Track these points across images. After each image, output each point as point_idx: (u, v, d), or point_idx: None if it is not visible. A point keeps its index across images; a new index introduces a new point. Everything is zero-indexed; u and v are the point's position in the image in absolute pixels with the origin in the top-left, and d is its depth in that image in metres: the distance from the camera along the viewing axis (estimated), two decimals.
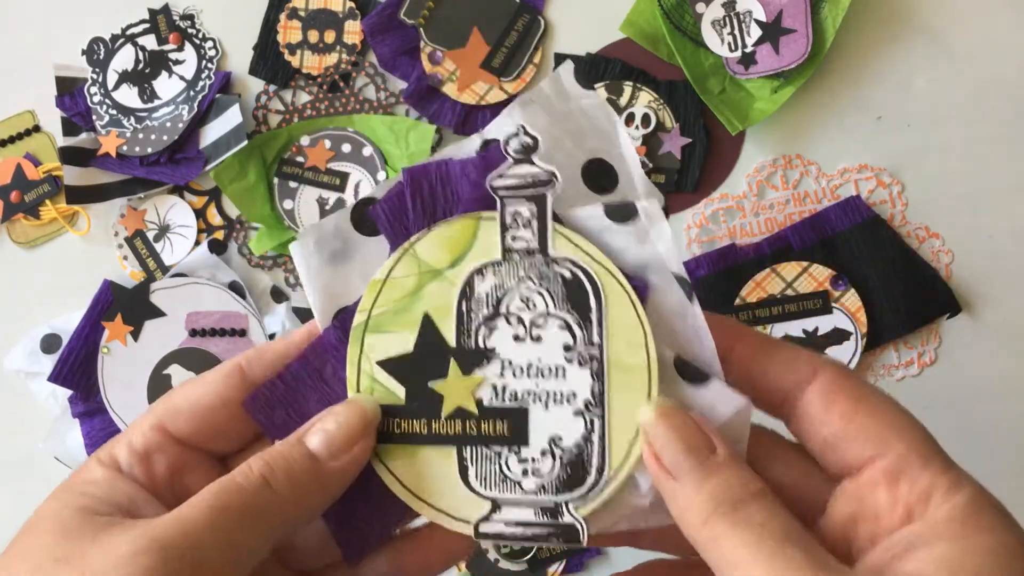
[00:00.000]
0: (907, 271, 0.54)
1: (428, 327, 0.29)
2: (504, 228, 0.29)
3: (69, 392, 0.61)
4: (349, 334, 0.30)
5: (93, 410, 0.61)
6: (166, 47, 0.62)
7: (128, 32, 0.62)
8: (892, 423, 0.26)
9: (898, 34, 0.59)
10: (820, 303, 0.53)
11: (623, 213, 0.29)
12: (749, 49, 0.57)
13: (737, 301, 0.54)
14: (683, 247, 0.58)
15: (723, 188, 0.59)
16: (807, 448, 0.29)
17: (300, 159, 0.60)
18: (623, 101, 0.60)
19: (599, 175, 0.29)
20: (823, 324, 0.55)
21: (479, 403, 0.29)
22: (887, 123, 0.59)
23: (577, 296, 0.29)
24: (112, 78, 0.62)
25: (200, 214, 0.62)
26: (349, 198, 0.60)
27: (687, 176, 0.59)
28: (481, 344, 0.29)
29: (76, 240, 0.63)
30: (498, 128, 0.30)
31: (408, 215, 0.30)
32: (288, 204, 0.60)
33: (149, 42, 0.62)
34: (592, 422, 0.29)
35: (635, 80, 0.60)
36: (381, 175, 0.60)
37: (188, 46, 0.62)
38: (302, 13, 0.62)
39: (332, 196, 0.60)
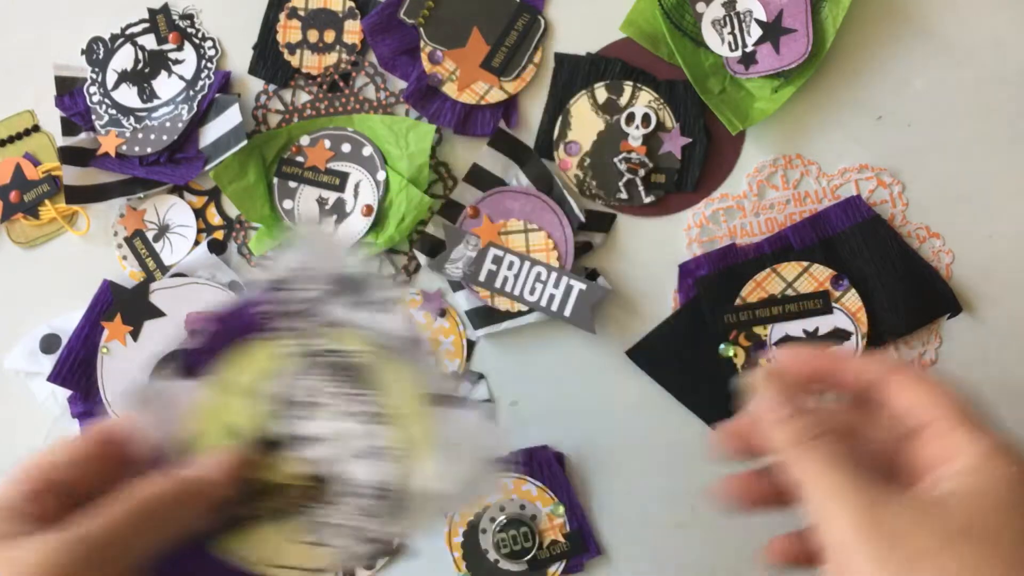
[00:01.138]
0: (907, 271, 0.54)
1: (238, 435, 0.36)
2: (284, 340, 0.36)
3: (69, 392, 0.61)
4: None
5: (93, 410, 0.61)
6: (165, 47, 0.62)
7: (127, 32, 0.62)
8: (938, 395, 0.35)
9: (898, 34, 0.59)
10: (821, 303, 0.53)
11: (368, 303, 0.36)
12: (749, 49, 0.57)
13: (737, 301, 0.55)
14: (684, 246, 0.58)
15: (723, 188, 0.59)
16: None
17: (300, 159, 0.60)
18: (623, 101, 0.60)
19: (349, 284, 0.37)
20: (824, 324, 0.55)
21: (295, 477, 0.35)
22: (887, 123, 0.59)
23: (354, 374, 0.36)
24: (111, 78, 0.62)
25: (200, 214, 0.62)
26: (349, 198, 0.60)
27: (687, 176, 0.59)
28: (289, 432, 0.35)
29: (75, 240, 0.63)
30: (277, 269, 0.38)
31: (205, 356, 0.36)
32: (288, 204, 0.60)
33: (148, 42, 0.62)
34: (388, 460, 0.35)
35: (635, 80, 0.60)
36: (381, 174, 0.60)
37: (188, 46, 0.62)
38: (302, 13, 0.61)
39: (332, 196, 0.60)
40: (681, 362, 0.56)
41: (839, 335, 0.55)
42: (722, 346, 0.55)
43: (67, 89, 0.63)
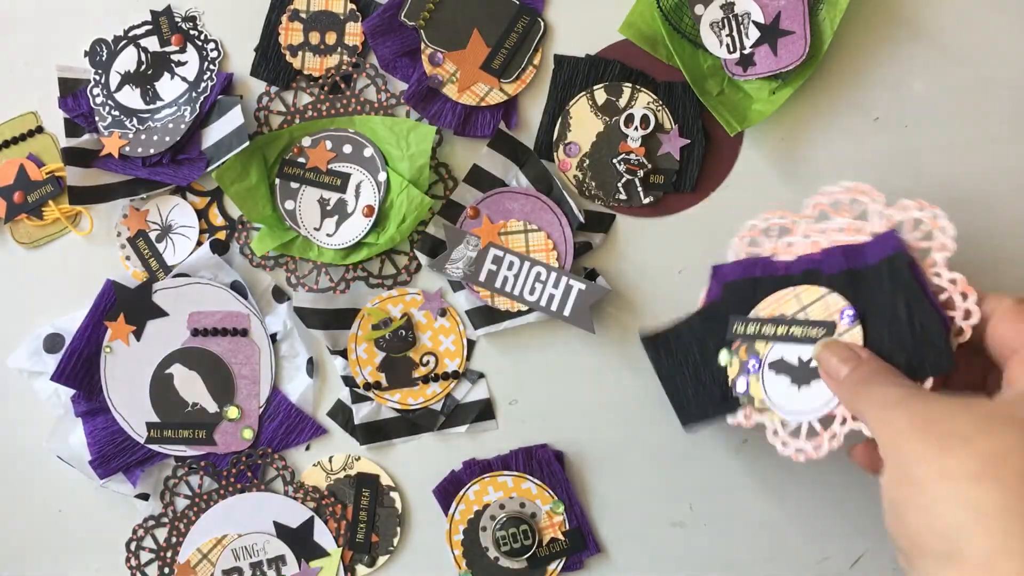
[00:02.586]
0: (916, 321, 0.46)
1: None
2: None
3: (72, 391, 0.61)
4: None
5: (96, 409, 0.61)
6: (168, 49, 0.63)
7: (130, 34, 0.63)
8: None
9: (896, 36, 0.59)
10: (823, 333, 0.48)
11: None
12: (747, 51, 0.58)
13: (752, 312, 0.52)
14: (735, 252, 0.54)
15: (783, 205, 0.54)
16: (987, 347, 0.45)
17: (301, 160, 0.61)
18: (622, 102, 0.60)
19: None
20: None
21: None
22: (884, 124, 0.59)
23: None
24: (114, 79, 0.62)
25: (202, 214, 0.62)
26: (350, 199, 0.60)
27: (686, 176, 0.60)
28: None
29: (79, 240, 0.63)
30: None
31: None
32: (289, 204, 0.61)
33: (151, 44, 0.63)
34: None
35: (634, 81, 0.60)
36: (382, 176, 0.60)
37: (190, 48, 0.62)
38: (303, 15, 0.62)
39: (333, 196, 0.60)
40: (687, 359, 0.54)
41: None
42: (723, 353, 0.53)
43: (70, 91, 0.63)
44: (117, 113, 0.62)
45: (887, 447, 0.39)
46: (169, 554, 0.61)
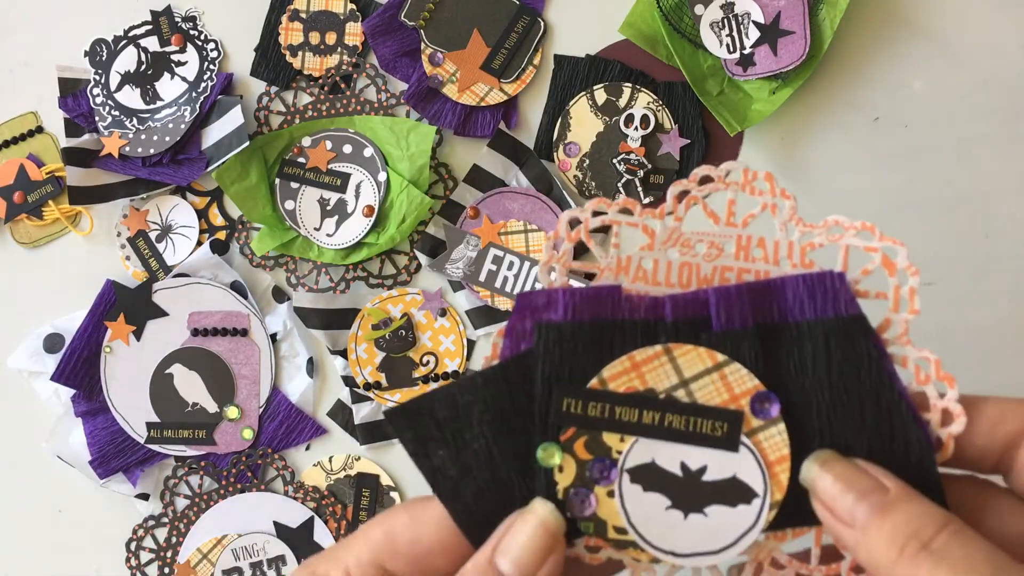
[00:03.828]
0: (881, 424, 0.30)
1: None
2: None
3: (72, 391, 0.61)
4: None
5: (96, 409, 0.61)
6: (168, 49, 0.63)
7: (130, 34, 0.63)
8: None
9: (896, 36, 0.59)
10: (724, 430, 0.31)
11: None
12: (747, 51, 0.58)
13: (594, 381, 0.31)
14: (542, 268, 0.33)
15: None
16: None
17: (301, 160, 0.61)
18: (622, 102, 0.60)
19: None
20: (716, 465, 0.31)
21: None
22: (884, 124, 0.59)
23: None
24: (114, 79, 0.62)
25: (202, 214, 0.62)
26: (350, 199, 0.60)
27: (686, 177, 0.60)
28: None
29: (79, 240, 0.63)
30: None
31: None
32: (289, 205, 0.61)
33: (151, 44, 0.63)
34: None
35: (634, 81, 0.60)
36: (382, 176, 0.60)
37: (190, 48, 0.62)
38: (303, 15, 0.62)
39: (333, 196, 0.60)
40: (467, 452, 0.31)
41: (733, 492, 0.31)
42: (543, 447, 0.31)
43: (70, 91, 0.63)
44: (117, 113, 0.62)
45: None
46: (169, 554, 0.61)
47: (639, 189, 0.60)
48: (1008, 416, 0.28)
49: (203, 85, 0.61)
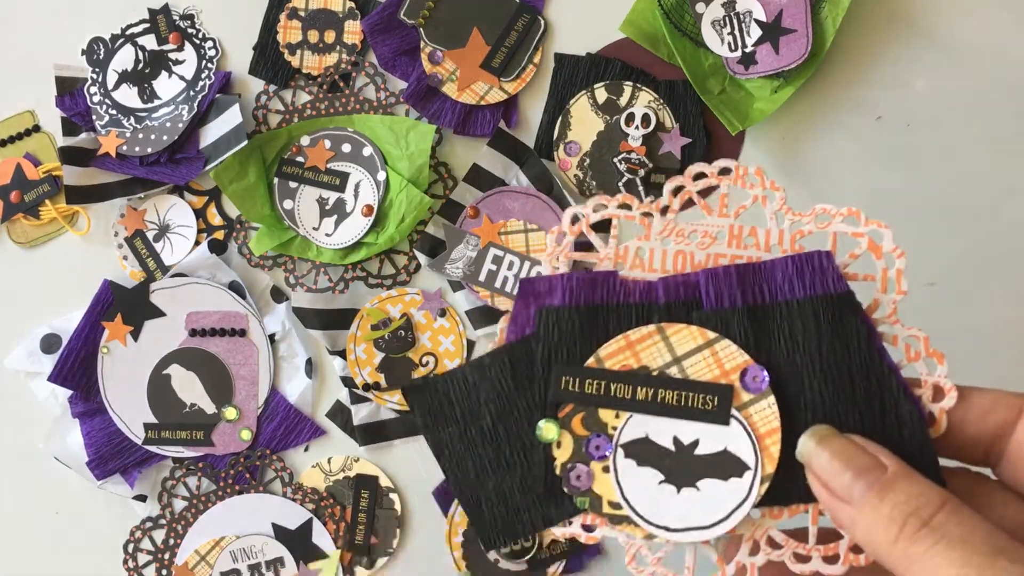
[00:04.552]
0: (872, 399, 0.32)
1: None
2: None
3: (69, 392, 0.61)
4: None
5: (93, 410, 0.61)
6: (166, 47, 0.62)
7: (128, 32, 0.62)
8: None
9: (898, 34, 0.59)
10: (714, 404, 0.32)
11: None
12: (749, 49, 0.57)
13: (591, 360, 0.33)
14: (554, 260, 0.36)
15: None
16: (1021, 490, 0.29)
17: (300, 159, 0.60)
18: (623, 101, 0.60)
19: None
20: (708, 439, 0.33)
21: None
22: (887, 123, 0.59)
23: None
24: (112, 78, 0.62)
25: (200, 214, 0.62)
26: (349, 198, 0.60)
27: None
28: None
29: (76, 240, 0.63)
30: None
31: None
32: (288, 204, 0.60)
33: (149, 42, 0.62)
34: None
35: (635, 80, 0.60)
36: (381, 175, 0.60)
37: (188, 46, 0.62)
38: (302, 13, 0.62)
39: (332, 196, 0.60)
40: (475, 429, 0.34)
41: (725, 464, 0.32)
42: (542, 423, 0.33)
43: (67, 89, 0.63)
44: (114, 112, 0.62)
45: None
46: (167, 556, 0.61)
47: (640, 188, 0.59)
48: (998, 406, 0.29)
49: (201, 84, 0.61)
